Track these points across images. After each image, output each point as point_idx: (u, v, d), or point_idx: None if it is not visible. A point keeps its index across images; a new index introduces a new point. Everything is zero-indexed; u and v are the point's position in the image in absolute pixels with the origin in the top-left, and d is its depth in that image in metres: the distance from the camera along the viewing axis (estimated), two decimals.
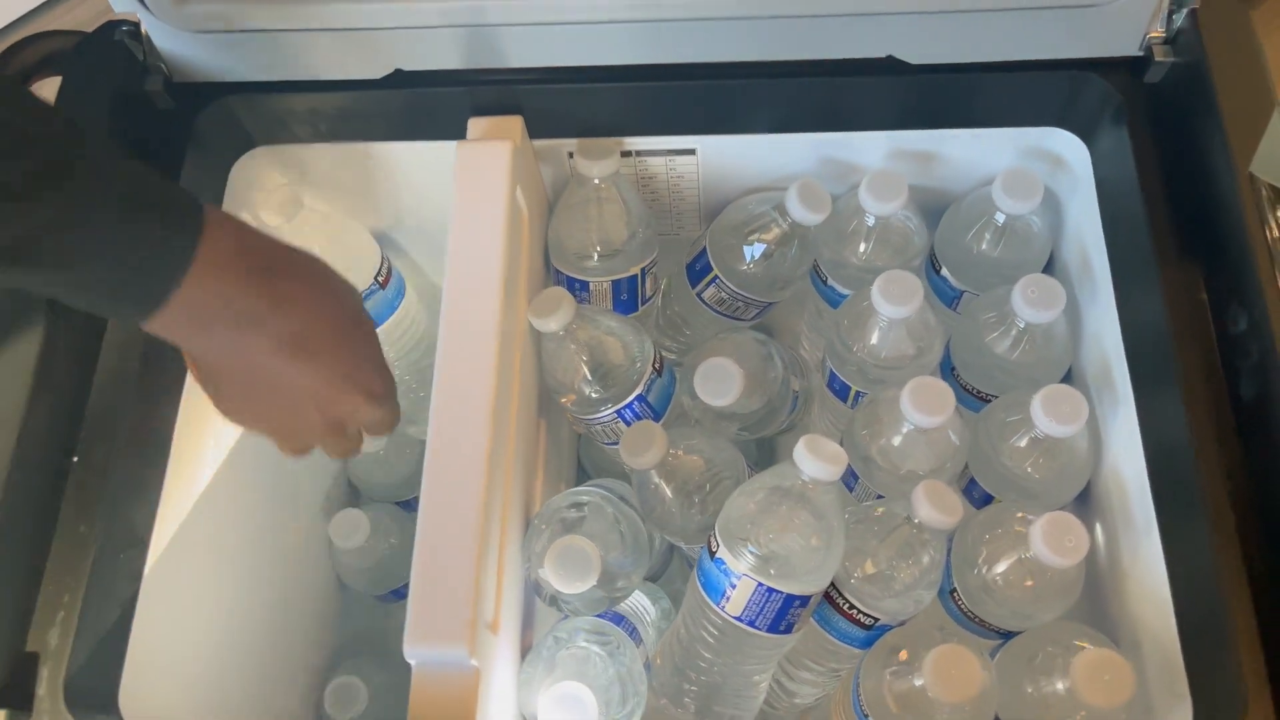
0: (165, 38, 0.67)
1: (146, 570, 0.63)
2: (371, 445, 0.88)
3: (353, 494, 0.97)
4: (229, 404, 0.55)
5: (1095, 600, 0.70)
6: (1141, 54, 0.65)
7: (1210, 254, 0.59)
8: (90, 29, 0.69)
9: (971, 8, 0.62)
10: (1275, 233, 0.56)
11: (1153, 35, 0.64)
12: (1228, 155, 0.58)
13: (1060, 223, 0.75)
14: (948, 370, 0.76)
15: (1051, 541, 0.61)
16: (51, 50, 0.70)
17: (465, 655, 0.54)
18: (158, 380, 0.65)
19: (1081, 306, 0.71)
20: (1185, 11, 0.62)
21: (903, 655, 0.62)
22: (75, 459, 0.60)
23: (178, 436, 0.66)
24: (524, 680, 0.65)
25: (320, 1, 0.63)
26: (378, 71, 0.69)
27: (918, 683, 0.60)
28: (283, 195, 0.74)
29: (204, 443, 0.70)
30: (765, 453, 0.89)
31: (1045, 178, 0.74)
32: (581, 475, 0.93)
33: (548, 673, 0.63)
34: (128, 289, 0.45)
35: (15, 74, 0.70)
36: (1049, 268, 0.77)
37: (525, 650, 0.69)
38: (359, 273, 0.79)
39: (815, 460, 0.62)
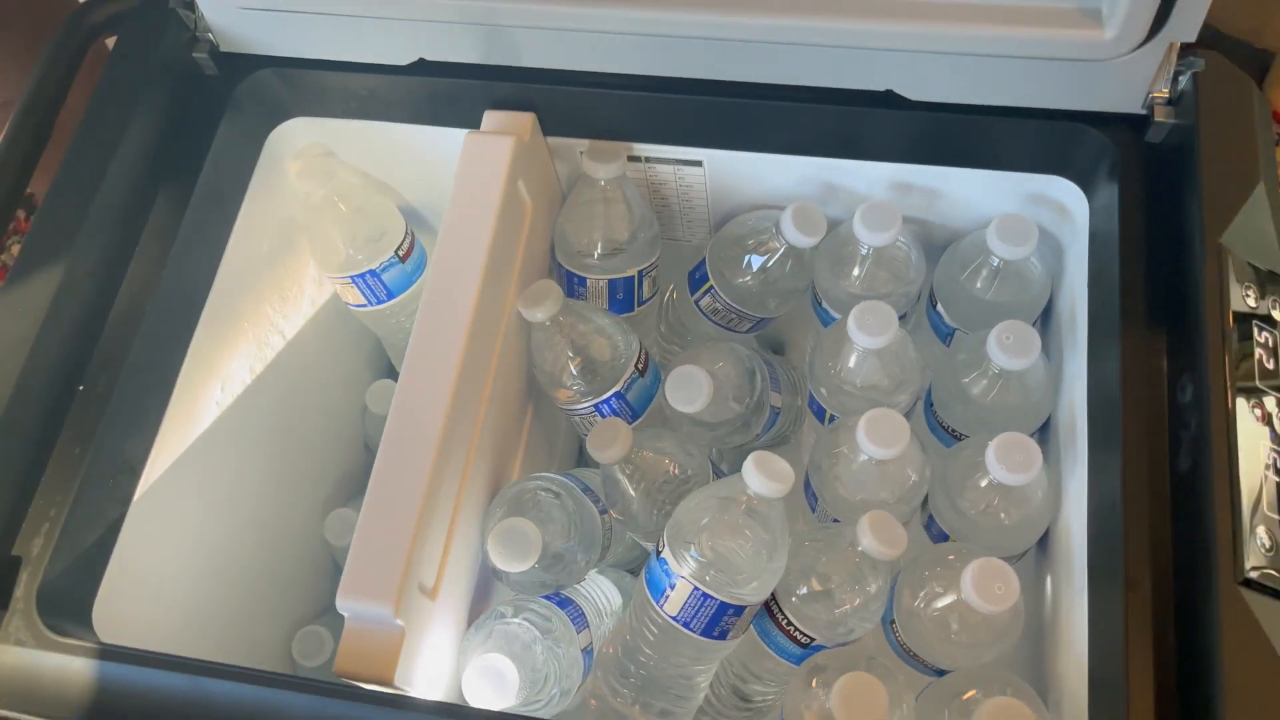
0: (214, 10, 0.72)
1: (136, 497, 0.68)
2: None
3: (370, 458, 1.01)
4: None
5: (1039, 652, 0.70)
6: (1144, 112, 0.64)
7: (1173, 321, 0.58)
8: None
9: (971, 51, 0.62)
10: (1238, 306, 0.56)
11: (1156, 95, 0.63)
12: (1201, 223, 0.57)
13: (1061, 270, 0.75)
14: (928, 407, 0.77)
15: (980, 587, 0.61)
16: (118, 10, 0.76)
17: (390, 614, 0.58)
18: (169, 323, 0.71)
19: (1064, 357, 0.71)
20: (1190, 74, 0.61)
21: (819, 677, 0.64)
22: (81, 388, 0.66)
23: (183, 378, 0.72)
24: (463, 648, 0.69)
25: None
26: (403, 59, 0.73)
27: (828, 705, 0.61)
28: (318, 162, 0.78)
29: (210, 386, 0.76)
30: None
31: (1050, 225, 0.74)
32: (583, 462, 0.95)
33: (482, 643, 0.66)
34: None
35: (85, 30, 0.76)
36: (1047, 312, 0.77)
37: None
38: (383, 244, 0.83)
39: (761, 477, 0.64)
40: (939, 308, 0.77)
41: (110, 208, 0.70)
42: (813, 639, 0.69)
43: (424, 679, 0.63)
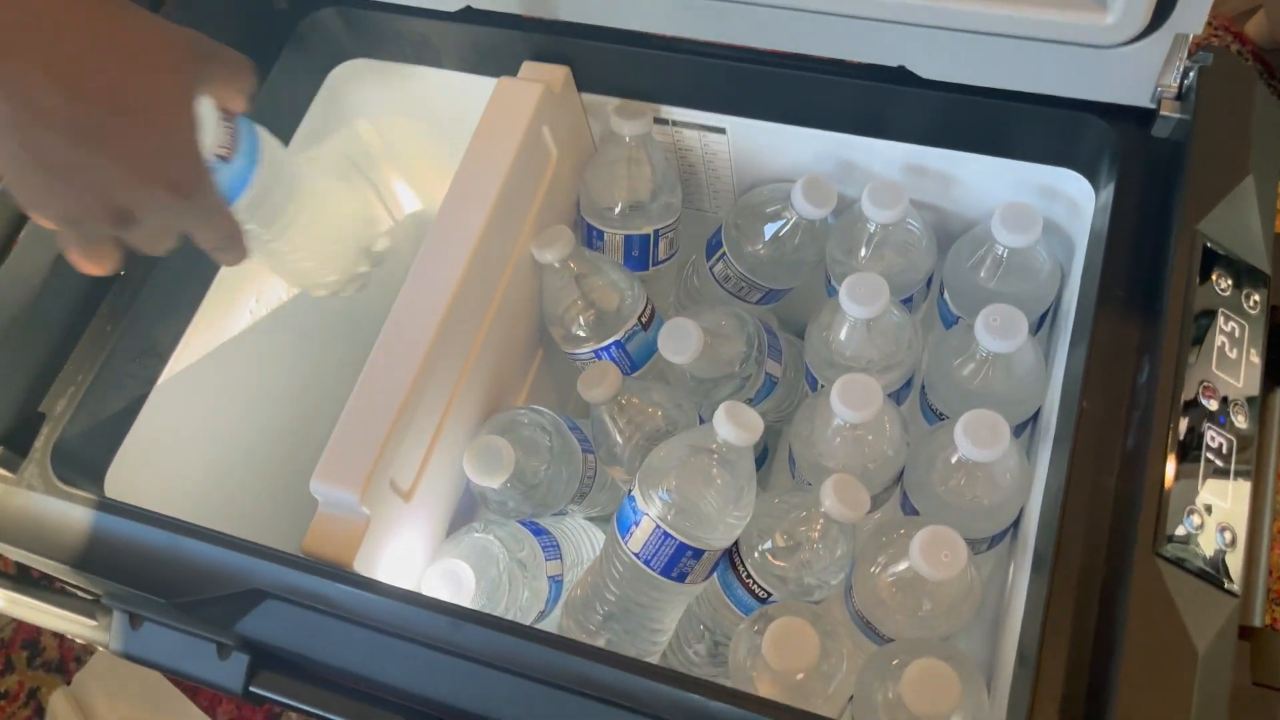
0: None
1: (160, 380, 0.74)
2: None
3: None
4: (11, 183, 0.48)
5: (996, 640, 0.70)
6: (1153, 106, 0.64)
7: (1146, 307, 0.58)
8: None
9: (978, 29, 0.63)
10: (1208, 293, 0.55)
11: (1165, 88, 0.63)
12: (1182, 211, 0.57)
13: (1071, 266, 0.74)
14: (922, 391, 0.77)
15: (927, 553, 0.62)
16: None
17: (356, 501, 0.62)
18: None
19: (1056, 351, 0.71)
20: (1196, 68, 0.61)
21: (760, 622, 0.65)
22: (121, 273, 0.72)
23: (219, 281, 0.78)
24: (437, 555, 0.72)
25: None
26: (451, 5, 0.77)
27: (760, 647, 0.62)
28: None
29: (244, 295, 0.82)
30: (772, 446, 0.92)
31: (1062, 220, 0.74)
32: None
33: (450, 551, 0.70)
34: None
35: None
36: (1057, 310, 0.77)
37: None
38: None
39: (730, 425, 0.66)
40: (945, 295, 0.78)
41: None
42: (770, 594, 0.70)
43: (388, 573, 0.67)
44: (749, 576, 0.70)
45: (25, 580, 0.68)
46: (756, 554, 0.70)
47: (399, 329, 0.67)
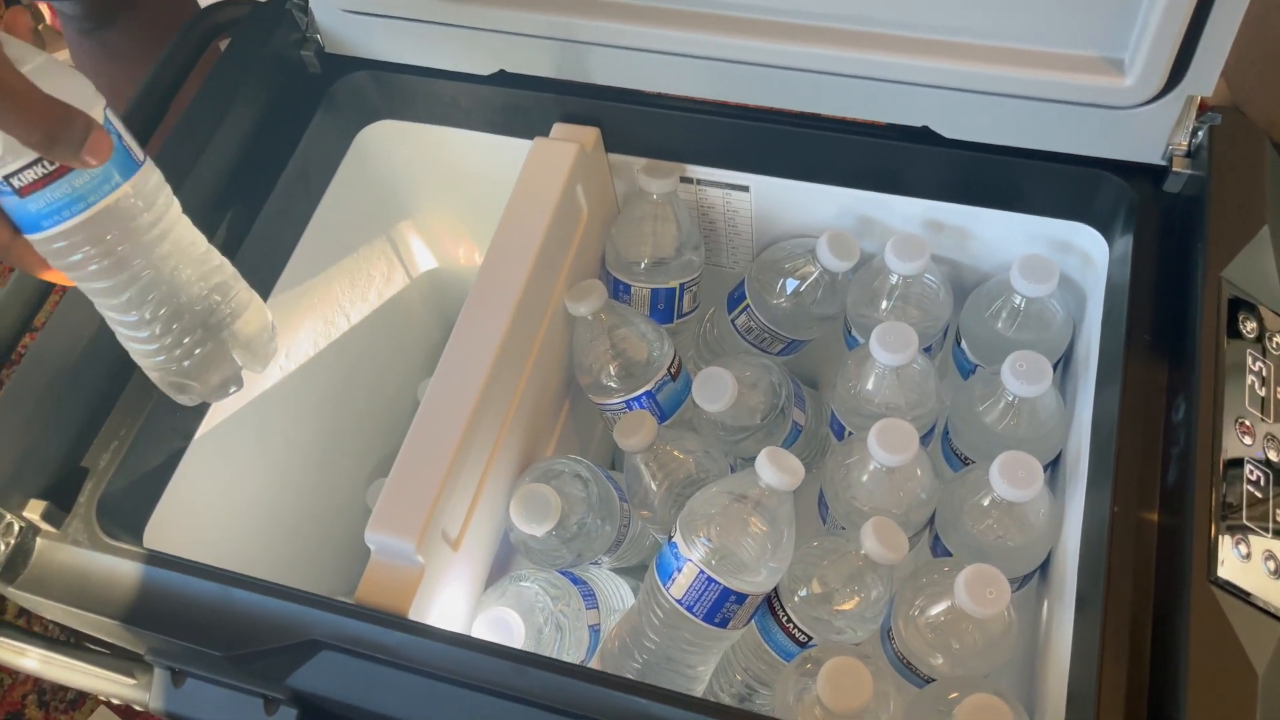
0: (324, 12, 0.81)
1: (197, 435, 0.74)
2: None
3: None
4: None
5: (1032, 677, 0.71)
6: (1164, 163, 0.68)
7: (1175, 350, 0.61)
8: None
9: (1002, 91, 0.67)
10: (1235, 335, 0.59)
11: (1176, 147, 0.67)
12: (1205, 259, 0.61)
13: (1083, 318, 0.78)
14: (945, 436, 0.80)
15: (973, 590, 0.64)
16: (240, 14, 0.85)
17: (413, 550, 0.62)
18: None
19: (1078, 397, 0.74)
20: (1206, 127, 0.65)
21: (810, 665, 0.66)
22: None
23: None
24: (479, 606, 0.72)
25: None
26: (485, 69, 0.80)
27: (815, 690, 0.63)
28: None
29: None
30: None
31: (1075, 273, 0.78)
32: (616, 465, 0.98)
33: (495, 600, 0.70)
34: None
35: (207, 27, 0.85)
36: (1068, 359, 0.80)
37: None
38: None
39: (773, 469, 0.67)
40: (963, 344, 0.81)
41: (207, 178, 0.77)
42: (810, 638, 0.71)
43: (437, 622, 0.67)
44: (789, 621, 0.71)
45: (52, 639, 0.67)
46: (796, 598, 0.71)
47: (449, 379, 0.68)
